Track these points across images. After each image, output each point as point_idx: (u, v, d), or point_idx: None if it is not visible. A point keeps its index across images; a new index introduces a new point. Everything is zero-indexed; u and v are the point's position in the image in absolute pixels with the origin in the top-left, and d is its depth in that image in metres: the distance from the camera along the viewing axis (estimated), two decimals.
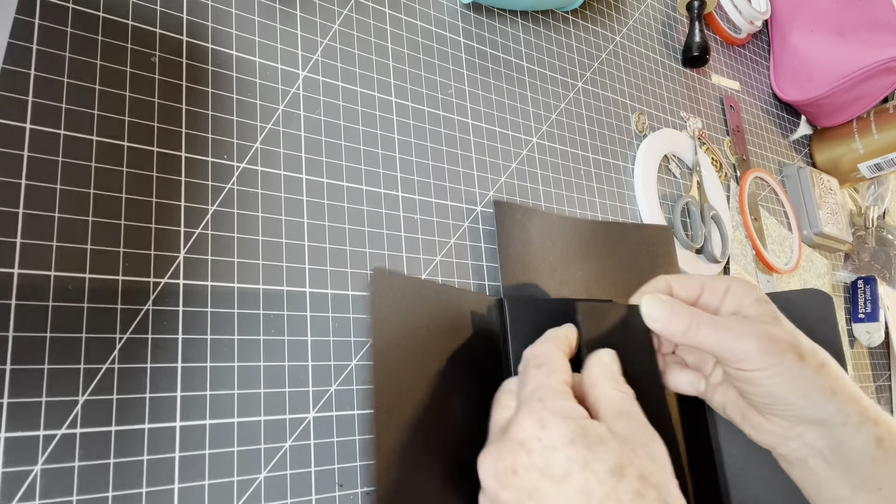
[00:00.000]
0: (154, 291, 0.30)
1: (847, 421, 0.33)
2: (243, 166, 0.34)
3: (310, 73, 0.38)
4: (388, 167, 0.40)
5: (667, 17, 0.66)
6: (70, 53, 0.30)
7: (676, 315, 0.34)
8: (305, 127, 0.37)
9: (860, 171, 0.78)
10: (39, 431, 0.26)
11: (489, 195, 0.44)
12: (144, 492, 0.27)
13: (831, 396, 0.33)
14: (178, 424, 0.29)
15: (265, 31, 0.37)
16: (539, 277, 0.43)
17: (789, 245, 0.70)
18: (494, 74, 0.48)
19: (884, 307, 0.78)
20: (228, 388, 0.31)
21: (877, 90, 0.71)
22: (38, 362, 0.26)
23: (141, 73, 0.32)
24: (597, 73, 0.56)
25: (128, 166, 0.30)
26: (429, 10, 0.45)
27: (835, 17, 0.71)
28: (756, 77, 0.77)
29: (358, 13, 0.41)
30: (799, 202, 0.74)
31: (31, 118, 0.28)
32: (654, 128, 0.60)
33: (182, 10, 0.34)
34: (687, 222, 0.58)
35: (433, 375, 0.32)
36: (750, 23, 0.71)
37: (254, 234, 0.33)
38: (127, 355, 0.28)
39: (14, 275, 0.26)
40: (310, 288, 0.34)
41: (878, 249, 0.81)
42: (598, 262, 0.47)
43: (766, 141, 0.75)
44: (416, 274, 0.39)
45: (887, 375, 0.81)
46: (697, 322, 0.34)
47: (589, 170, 0.52)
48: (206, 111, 0.33)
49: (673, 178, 0.59)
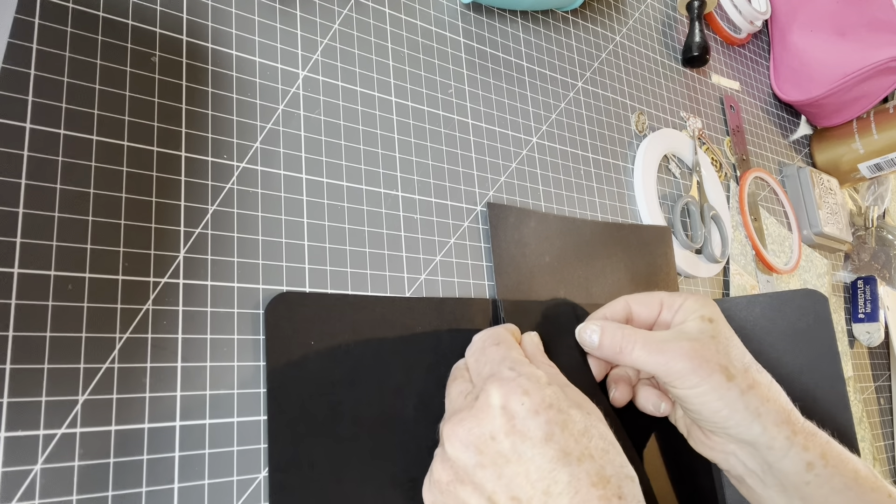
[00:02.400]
0: (154, 291, 0.30)
1: (773, 444, 0.34)
2: (243, 166, 0.34)
3: (310, 72, 0.38)
4: (388, 167, 0.40)
5: (667, 17, 0.66)
6: (70, 53, 0.30)
7: (607, 338, 0.36)
8: (305, 127, 0.37)
9: (860, 171, 0.78)
10: (39, 431, 0.26)
11: (489, 195, 0.44)
12: (144, 491, 0.27)
13: (756, 418, 0.33)
14: (177, 424, 0.29)
15: (265, 31, 0.37)
16: (535, 279, 0.43)
17: (789, 245, 0.70)
18: (494, 74, 0.48)
19: (884, 307, 0.78)
20: (228, 388, 0.31)
21: (877, 90, 0.71)
22: (38, 362, 0.26)
23: (141, 73, 0.32)
24: (597, 73, 0.56)
25: (128, 166, 0.30)
26: (429, 10, 0.45)
27: (835, 16, 0.71)
28: (756, 77, 0.76)
29: (358, 13, 0.41)
30: (799, 202, 0.74)
31: (31, 118, 0.28)
32: (653, 128, 0.60)
33: (182, 10, 0.34)
34: (687, 222, 0.58)
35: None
36: (750, 23, 0.71)
37: (254, 234, 0.33)
38: (127, 355, 0.28)
39: (14, 275, 0.26)
40: (310, 288, 0.34)
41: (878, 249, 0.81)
42: (597, 262, 0.47)
43: (766, 141, 0.75)
44: (415, 274, 0.39)
45: (887, 375, 0.81)
46: (631, 343, 0.35)
47: (589, 170, 0.52)
48: (206, 111, 0.33)
49: (673, 178, 0.59)
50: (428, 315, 0.37)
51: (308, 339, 0.32)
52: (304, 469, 0.31)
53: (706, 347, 0.34)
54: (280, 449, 0.30)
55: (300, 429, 0.31)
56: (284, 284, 0.34)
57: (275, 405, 0.31)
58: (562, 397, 0.30)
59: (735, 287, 0.61)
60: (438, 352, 0.37)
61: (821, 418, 0.36)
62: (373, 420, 0.33)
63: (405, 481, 0.33)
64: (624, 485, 0.28)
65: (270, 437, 0.30)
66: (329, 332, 0.33)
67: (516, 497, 0.27)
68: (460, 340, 0.36)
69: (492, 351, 0.33)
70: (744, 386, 0.33)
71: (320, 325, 0.33)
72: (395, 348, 0.35)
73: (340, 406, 0.32)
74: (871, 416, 0.76)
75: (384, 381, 0.34)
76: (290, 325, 0.32)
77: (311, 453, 0.31)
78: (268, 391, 0.31)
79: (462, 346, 0.36)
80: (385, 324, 0.35)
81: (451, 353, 0.37)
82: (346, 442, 0.32)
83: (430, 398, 0.35)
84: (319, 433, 0.32)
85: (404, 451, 0.34)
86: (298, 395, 0.31)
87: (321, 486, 0.31)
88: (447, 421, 0.30)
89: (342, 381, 0.33)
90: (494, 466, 0.28)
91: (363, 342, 0.34)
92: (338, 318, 0.34)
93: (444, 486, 0.30)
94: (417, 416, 0.35)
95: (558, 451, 0.28)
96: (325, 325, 0.33)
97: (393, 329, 0.35)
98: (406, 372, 0.35)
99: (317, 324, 0.33)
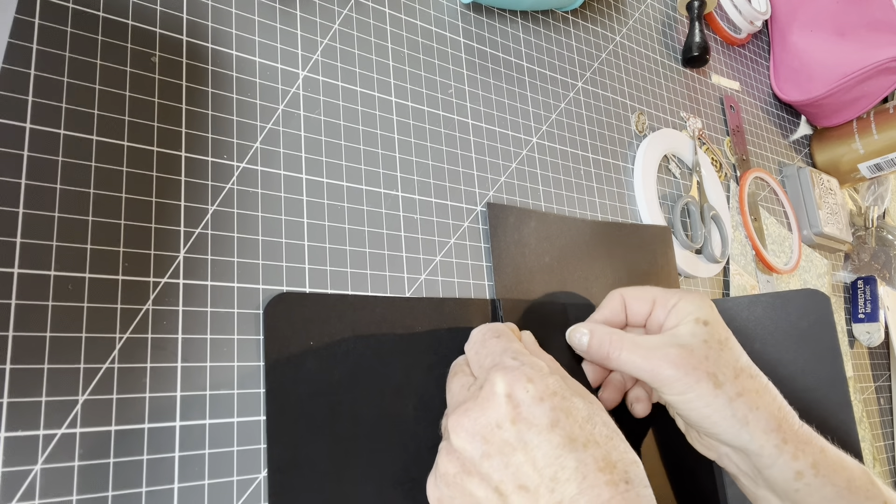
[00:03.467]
0: (154, 291, 0.30)
1: (762, 452, 0.34)
2: (243, 166, 0.34)
3: (310, 72, 0.38)
4: (388, 167, 0.40)
5: (667, 17, 0.66)
6: (70, 53, 0.30)
7: (596, 342, 0.36)
8: (305, 127, 0.37)
9: (860, 171, 0.78)
10: (39, 431, 0.26)
11: (489, 195, 0.44)
12: (144, 491, 0.27)
13: (744, 426, 0.33)
14: (177, 424, 0.29)
15: (265, 31, 0.37)
16: (535, 279, 0.43)
17: (789, 245, 0.70)
18: (494, 74, 0.48)
19: (884, 307, 0.78)
20: (228, 388, 0.31)
21: (877, 90, 0.71)
22: (38, 362, 0.26)
23: (141, 73, 0.32)
24: (597, 73, 0.56)
25: (128, 166, 0.30)
26: (429, 10, 0.45)
27: (835, 17, 0.71)
28: (756, 77, 0.76)
29: (358, 13, 0.41)
30: (799, 202, 0.74)
31: (31, 118, 0.28)
32: (653, 128, 0.60)
33: (182, 10, 0.34)
34: (687, 222, 0.58)
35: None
36: (750, 23, 0.71)
37: (254, 234, 0.33)
38: (127, 355, 0.28)
39: (14, 275, 0.26)
40: (310, 288, 0.34)
41: (878, 249, 0.81)
42: (597, 263, 0.47)
43: (766, 141, 0.75)
44: (415, 274, 0.39)
45: (887, 375, 0.81)
46: (618, 348, 0.35)
47: (589, 170, 0.52)
48: (206, 111, 0.33)
49: (673, 178, 0.59)
50: (428, 315, 0.37)
51: (307, 339, 0.32)
52: (304, 469, 0.31)
53: (694, 354, 0.34)
54: (279, 449, 0.30)
55: (300, 429, 0.31)
56: (284, 284, 0.34)
57: (274, 405, 0.31)
58: (564, 386, 0.30)
59: (735, 287, 0.61)
60: (438, 352, 0.37)
61: (822, 418, 0.36)
62: (373, 420, 0.33)
63: (406, 481, 0.33)
64: (630, 469, 0.28)
65: (269, 437, 0.30)
66: (328, 332, 0.33)
67: (524, 486, 0.27)
68: (460, 340, 0.36)
69: (493, 343, 0.33)
70: (732, 394, 0.33)
71: (319, 326, 0.33)
72: (395, 348, 0.35)
73: (340, 406, 0.32)
74: (871, 416, 0.76)
75: (384, 381, 0.34)
76: (289, 325, 0.32)
77: (310, 453, 0.31)
78: (266, 392, 0.31)
79: (461, 346, 0.36)
80: (385, 324, 0.35)
81: (450, 352, 0.37)
82: (345, 442, 0.32)
83: (431, 398, 0.35)
84: (319, 433, 0.31)
85: (404, 451, 0.34)
86: (297, 395, 0.31)
87: (321, 486, 0.31)
88: (451, 413, 0.30)
89: (341, 381, 0.33)
90: (501, 455, 0.28)
91: (363, 342, 0.34)
92: (337, 318, 0.34)
93: (451, 479, 0.29)
94: (417, 415, 0.35)
95: (564, 437, 0.28)
96: (325, 326, 0.33)
97: (393, 329, 0.35)
98: (406, 372, 0.35)
99: (316, 324, 0.33)
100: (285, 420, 0.31)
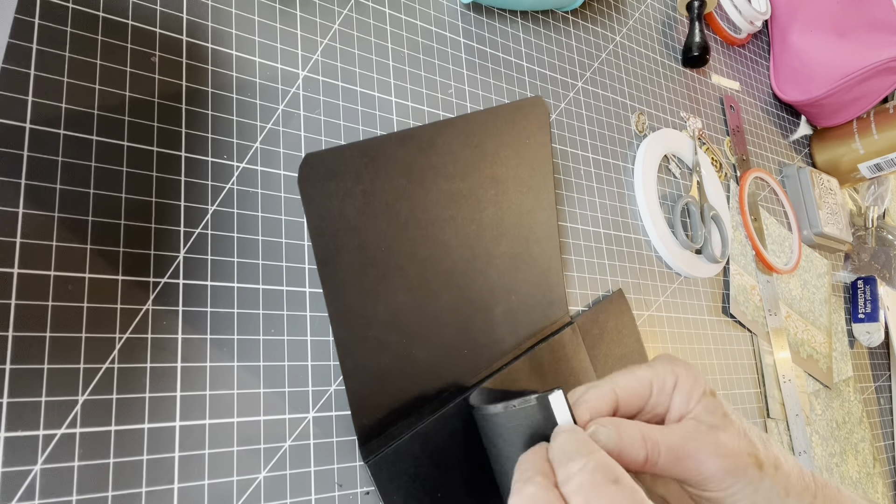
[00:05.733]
0: (154, 291, 0.30)
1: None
2: (243, 166, 0.34)
3: (310, 72, 0.38)
4: None
5: (667, 17, 0.66)
6: (70, 53, 0.30)
7: (628, 447, 0.29)
8: (305, 127, 0.37)
9: (860, 172, 0.78)
10: (39, 431, 0.26)
11: None
12: (144, 491, 0.27)
13: (785, 498, 0.30)
14: (177, 424, 0.29)
15: (265, 31, 0.37)
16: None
17: (789, 245, 0.70)
18: (494, 74, 0.48)
19: (884, 307, 0.78)
20: (228, 388, 0.31)
21: (877, 90, 0.71)
22: (37, 362, 0.26)
23: (141, 73, 0.32)
24: (597, 73, 0.56)
25: (128, 166, 0.30)
26: (429, 10, 0.45)
27: (835, 17, 0.71)
28: (756, 77, 0.77)
29: (358, 13, 0.41)
30: (799, 202, 0.74)
31: (31, 118, 0.28)
32: (653, 128, 0.60)
33: (182, 10, 0.34)
34: (687, 222, 0.58)
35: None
36: (750, 23, 0.71)
37: (254, 234, 0.33)
38: (126, 355, 0.28)
39: (14, 275, 0.26)
40: (309, 288, 0.34)
41: (878, 249, 0.81)
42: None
43: (766, 141, 0.75)
44: None
45: (887, 375, 0.81)
46: (655, 452, 0.30)
47: (589, 170, 0.52)
48: (206, 111, 0.33)
49: (673, 178, 0.59)
50: (481, 127, 0.39)
51: (353, 187, 0.35)
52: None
53: (729, 435, 0.30)
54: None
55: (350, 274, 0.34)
56: (284, 285, 0.34)
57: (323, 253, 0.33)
58: None
59: (735, 287, 0.61)
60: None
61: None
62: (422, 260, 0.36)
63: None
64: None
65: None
66: (369, 177, 0.36)
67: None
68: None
69: (613, 493, 0.25)
70: (771, 470, 0.30)
71: (359, 173, 0.35)
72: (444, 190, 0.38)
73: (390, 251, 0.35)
74: (871, 416, 0.76)
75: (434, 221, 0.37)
76: (327, 181, 0.34)
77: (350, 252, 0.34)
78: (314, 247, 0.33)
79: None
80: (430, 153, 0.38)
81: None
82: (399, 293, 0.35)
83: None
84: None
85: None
86: (347, 245, 0.34)
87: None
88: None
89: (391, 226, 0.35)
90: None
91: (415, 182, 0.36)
92: (380, 161, 0.36)
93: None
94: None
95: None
96: (367, 171, 0.35)
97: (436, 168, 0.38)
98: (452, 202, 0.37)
99: (354, 172, 0.35)
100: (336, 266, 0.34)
